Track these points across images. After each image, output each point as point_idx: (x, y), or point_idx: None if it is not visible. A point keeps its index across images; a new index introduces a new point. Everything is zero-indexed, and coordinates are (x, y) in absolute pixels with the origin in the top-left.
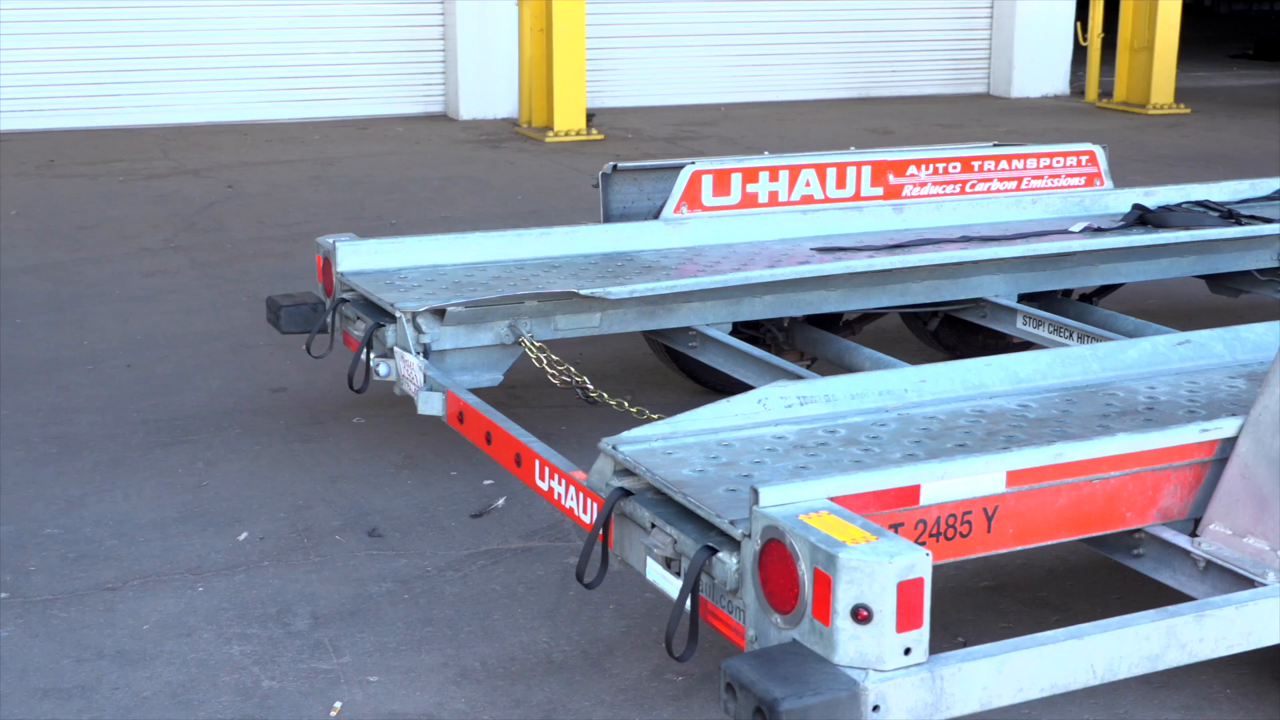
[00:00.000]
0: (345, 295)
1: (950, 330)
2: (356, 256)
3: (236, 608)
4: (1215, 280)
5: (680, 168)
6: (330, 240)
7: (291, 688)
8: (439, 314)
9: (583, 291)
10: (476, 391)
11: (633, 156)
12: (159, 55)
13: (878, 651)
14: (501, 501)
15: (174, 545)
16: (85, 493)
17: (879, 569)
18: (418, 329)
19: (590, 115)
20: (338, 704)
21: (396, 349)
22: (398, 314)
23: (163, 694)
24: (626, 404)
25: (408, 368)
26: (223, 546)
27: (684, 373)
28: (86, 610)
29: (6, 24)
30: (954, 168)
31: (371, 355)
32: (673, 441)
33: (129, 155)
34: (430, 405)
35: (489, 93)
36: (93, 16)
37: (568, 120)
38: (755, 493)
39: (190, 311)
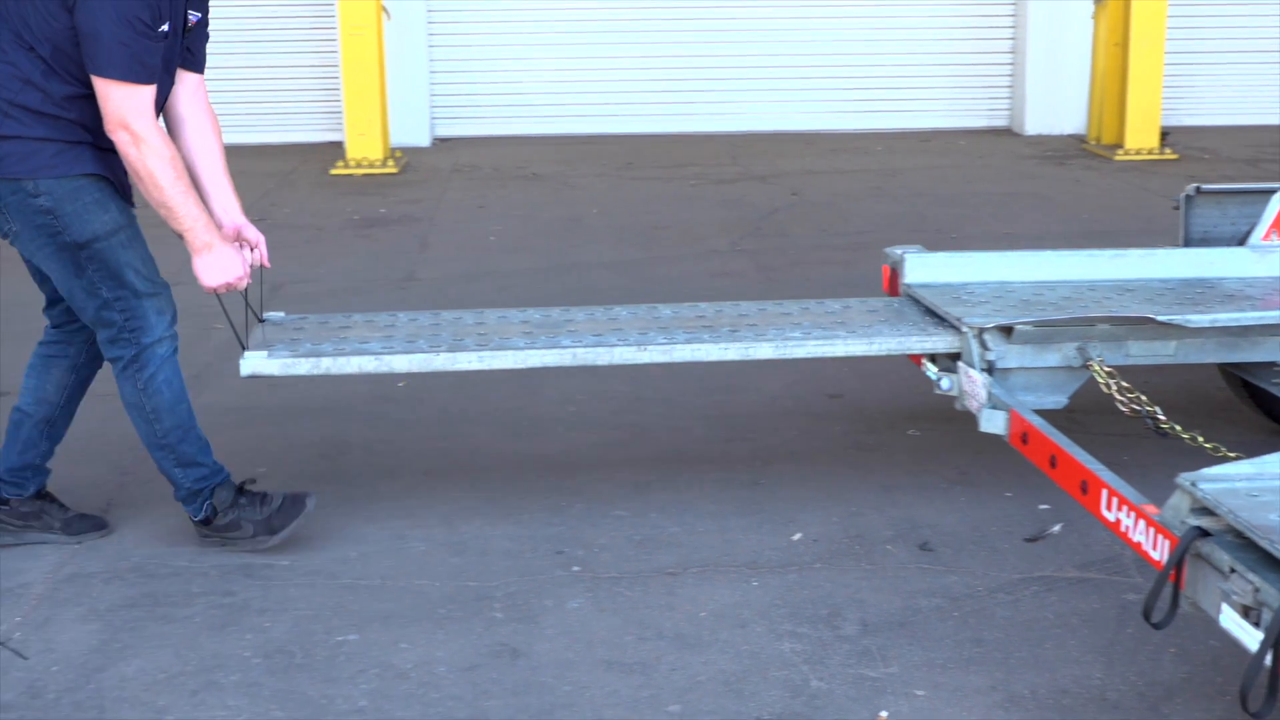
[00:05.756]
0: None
1: None
2: (924, 269)
3: (788, 605)
4: None
5: (1272, 192)
6: (899, 251)
7: (839, 691)
8: (1006, 331)
9: (1160, 318)
10: (1039, 413)
11: (1209, 178)
12: (730, 65)
13: None
14: (1058, 528)
15: (731, 538)
16: (651, 479)
17: None
18: (984, 345)
19: (1164, 133)
20: (884, 714)
21: (960, 364)
22: (964, 329)
23: (716, 680)
24: (1200, 439)
25: (971, 384)
26: (777, 544)
27: (1261, 410)
28: (649, 592)
29: (592, 36)
30: None
31: (934, 369)
32: (1258, 483)
33: (700, 160)
34: (993, 423)
35: (1056, 108)
36: (668, 28)
37: (1140, 138)
38: None
39: None
